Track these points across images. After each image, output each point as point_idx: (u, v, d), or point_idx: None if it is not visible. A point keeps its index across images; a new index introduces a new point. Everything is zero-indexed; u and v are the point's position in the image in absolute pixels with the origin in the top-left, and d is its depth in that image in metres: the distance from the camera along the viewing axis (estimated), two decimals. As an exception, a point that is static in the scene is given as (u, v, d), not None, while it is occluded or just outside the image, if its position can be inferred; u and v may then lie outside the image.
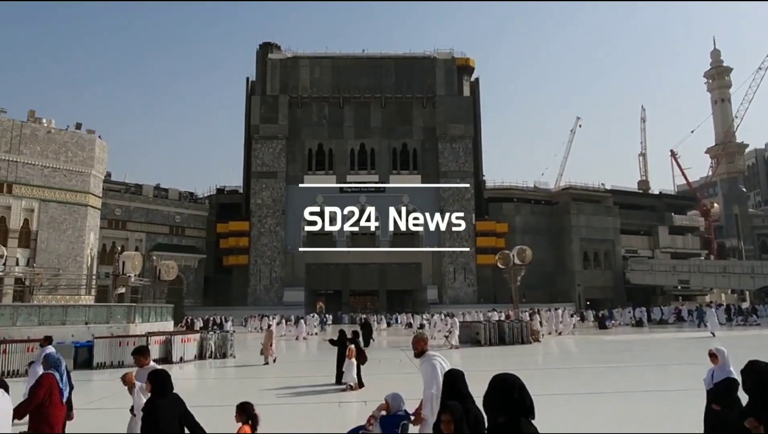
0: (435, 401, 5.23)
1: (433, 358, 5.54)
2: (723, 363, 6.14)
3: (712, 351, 6.34)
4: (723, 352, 6.23)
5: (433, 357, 5.57)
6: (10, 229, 44.21)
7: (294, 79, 70.67)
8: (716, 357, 6.23)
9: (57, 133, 47.46)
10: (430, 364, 5.51)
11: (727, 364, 6.14)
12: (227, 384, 16.48)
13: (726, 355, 6.24)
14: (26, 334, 18.32)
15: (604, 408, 10.92)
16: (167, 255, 54.71)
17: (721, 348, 6.35)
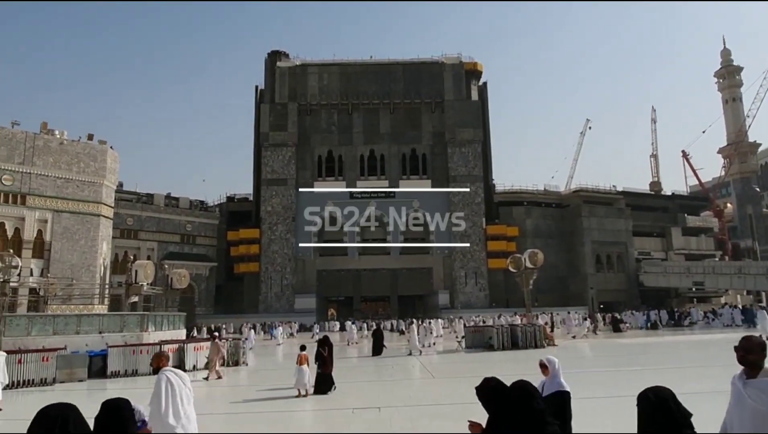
0: (158, 415, 5.52)
1: (165, 372, 5.81)
2: (553, 374, 5.53)
3: (542, 361, 5.68)
4: (554, 363, 5.58)
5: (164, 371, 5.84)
6: (24, 240, 44.65)
7: (303, 86, 71.00)
8: (546, 368, 5.58)
9: (69, 144, 47.95)
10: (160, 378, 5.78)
11: (558, 375, 5.53)
12: (230, 391, 16.45)
13: (557, 366, 5.59)
14: (41, 344, 18.42)
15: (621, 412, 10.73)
16: (179, 263, 55.03)
17: (553, 358, 5.69)
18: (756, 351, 3.78)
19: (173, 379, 5.83)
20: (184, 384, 5.86)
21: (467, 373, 17.25)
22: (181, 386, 5.83)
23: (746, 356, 3.81)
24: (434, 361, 22.74)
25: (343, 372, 17.34)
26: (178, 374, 5.95)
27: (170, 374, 5.87)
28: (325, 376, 13.96)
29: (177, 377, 5.88)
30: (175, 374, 5.91)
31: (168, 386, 5.73)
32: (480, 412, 3.61)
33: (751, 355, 3.79)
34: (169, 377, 5.83)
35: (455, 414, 10.78)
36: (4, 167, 44.04)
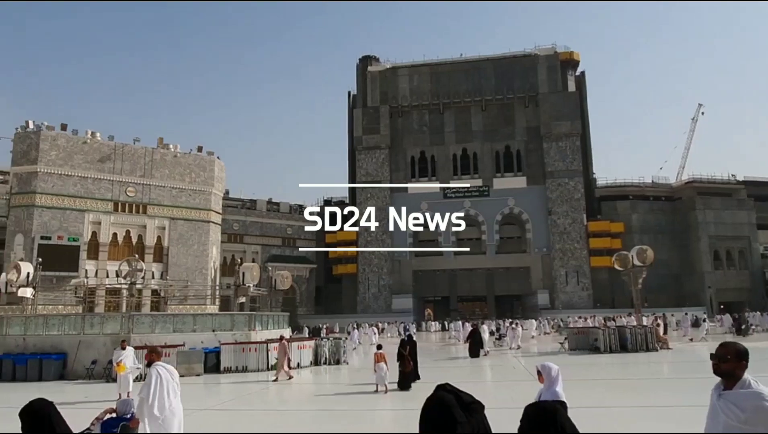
0: (145, 404, 6.09)
1: (156, 366, 6.36)
2: (549, 382, 5.13)
3: (538, 367, 5.33)
4: (550, 370, 5.17)
5: (156, 365, 6.38)
6: (146, 246, 48.86)
7: (394, 89, 71.79)
8: (541, 375, 5.20)
9: (182, 156, 51.87)
10: (152, 372, 6.33)
11: (555, 384, 5.13)
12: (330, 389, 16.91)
13: (554, 373, 5.17)
14: (163, 341, 20.02)
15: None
16: (281, 265, 57.58)
17: (549, 364, 5.29)
18: (730, 360, 3.48)
19: (163, 373, 6.31)
20: (172, 379, 6.37)
21: (571, 376, 16.55)
22: (170, 380, 6.33)
23: (719, 365, 3.52)
24: (537, 363, 22.08)
25: (434, 372, 17.31)
26: (168, 369, 6.45)
27: (161, 368, 6.34)
28: (405, 374, 14.65)
29: (167, 371, 6.38)
30: (165, 369, 6.39)
31: (158, 379, 6.24)
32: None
33: (724, 364, 3.50)
34: (159, 371, 6.30)
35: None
36: (128, 180, 48.49)
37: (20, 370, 19.08)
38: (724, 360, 3.49)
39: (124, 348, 14.61)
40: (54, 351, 19.66)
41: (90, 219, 46.57)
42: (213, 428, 11.08)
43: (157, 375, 6.29)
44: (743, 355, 3.47)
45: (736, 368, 3.45)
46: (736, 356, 3.47)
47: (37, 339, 20.64)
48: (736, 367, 3.45)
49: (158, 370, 6.34)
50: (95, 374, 18.96)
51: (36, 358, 19.20)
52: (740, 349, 3.51)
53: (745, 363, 3.47)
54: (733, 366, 3.46)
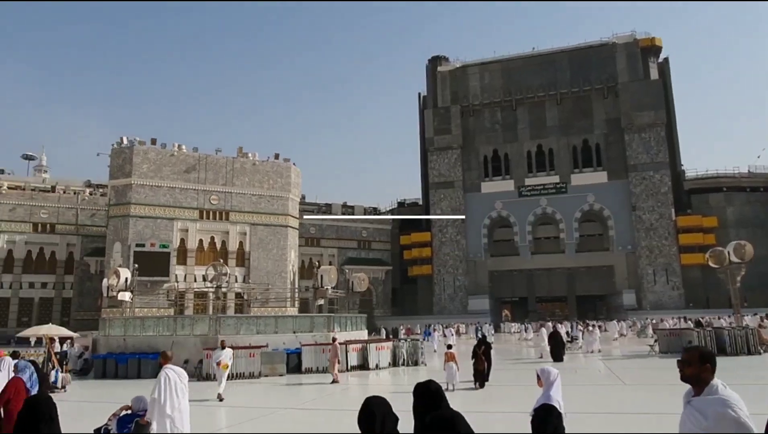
0: (156, 404, 6.64)
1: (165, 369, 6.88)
2: (546, 387, 5.15)
3: (537, 371, 5.41)
4: (548, 374, 5.19)
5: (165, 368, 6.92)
6: (229, 251, 51.22)
7: (464, 88, 71.06)
8: (540, 380, 5.25)
9: (260, 164, 53.98)
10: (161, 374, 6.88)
11: (550, 388, 5.11)
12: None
13: (552, 378, 5.18)
14: (248, 342, 20.89)
15: None
16: (357, 268, 58.48)
17: (548, 369, 5.34)
18: (694, 364, 3.38)
19: (171, 375, 6.84)
20: (180, 380, 6.89)
21: (660, 381, 15.64)
22: (177, 381, 6.84)
23: (684, 370, 3.43)
24: (624, 366, 21.06)
25: (513, 374, 16.89)
26: (177, 371, 6.97)
27: (170, 371, 6.86)
28: (479, 371, 15.34)
29: (175, 374, 6.90)
30: (174, 371, 6.92)
31: (166, 380, 6.77)
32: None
33: (688, 369, 3.40)
34: (168, 373, 6.83)
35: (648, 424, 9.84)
36: (212, 189, 51.05)
37: (122, 368, 20.53)
38: (687, 365, 3.41)
39: (223, 348, 15.30)
40: (150, 350, 20.98)
41: (178, 227, 49.43)
42: (295, 427, 11.42)
43: (166, 376, 6.78)
44: (706, 358, 3.38)
45: (700, 372, 3.36)
46: (699, 359, 3.38)
47: (135, 340, 22.14)
48: (700, 371, 3.36)
49: (167, 373, 6.84)
50: (187, 373, 20.05)
51: (135, 358, 20.59)
52: (703, 352, 3.44)
53: (709, 366, 3.35)
54: (696, 370, 3.37)
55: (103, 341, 23.04)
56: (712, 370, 3.37)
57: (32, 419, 3.50)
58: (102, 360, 21.15)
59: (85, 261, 55.66)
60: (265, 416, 12.50)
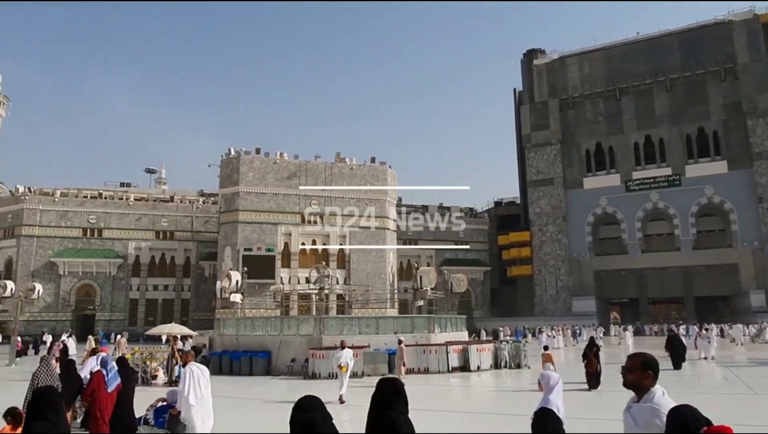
0: (182, 395, 7.44)
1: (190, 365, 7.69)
2: (547, 391, 5.20)
3: (538, 377, 5.54)
4: (548, 378, 5.25)
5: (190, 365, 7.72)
6: (330, 253, 52.85)
7: (562, 80, 68.27)
8: (541, 385, 5.32)
9: (357, 168, 55.25)
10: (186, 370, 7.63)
11: (549, 392, 5.14)
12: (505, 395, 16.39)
13: (552, 382, 5.22)
14: (351, 342, 21.33)
15: None
16: (455, 269, 57.99)
17: (547, 373, 5.38)
18: (635, 371, 3.39)
19: (195, 371, 7.60)
20: (203, 375, 7.65)
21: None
22: (200, 376, 7.60)
23: (625, 377, 3.45)
24: (754, 374, 19.15)
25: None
26: (200, 367, 7.74)
27: (194, 367, 7.66)
28: (590, 374, 15.40)
29: (199, 370, 7.66)
30: (197, 367, 7.70)
31: (191, 375, 7.53)
32: None
33: (629, 375, 3.42)
34: (192, 369, 7.61)
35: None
36: (312, 194, 53.01)
37: (235, 365, 21.82)
38: (629, 371, 3.42)
39: (343, 348, 15.13)
40: (260, 349, 22.12)
41: (282, 231, 51.79)
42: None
43: (190, 372, 7.63)
44: (648, 365, 3.37)
45: (641, 379, 3.37)
46: (641, 366, 3.39)
47: (246, 339, 23.46)
48: (641, 378, 3.37)
49: (192, 368, 7.67)
50: (294, 371, 20.89)
51: (247, 356, 21.79)
52: (645, 360, 3.42)
53: (650, 373, 3.36)
54: (637, 377, 3.38)
55: (218, 339, 24.66)
56: (654, 377, 3.37)
57: (40, 407, 3.77)
58: (218, 357, 22.60)
59: (200, 265, 59.95)
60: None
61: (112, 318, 56.68)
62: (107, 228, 58.32)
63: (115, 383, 8.51)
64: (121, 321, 56.45)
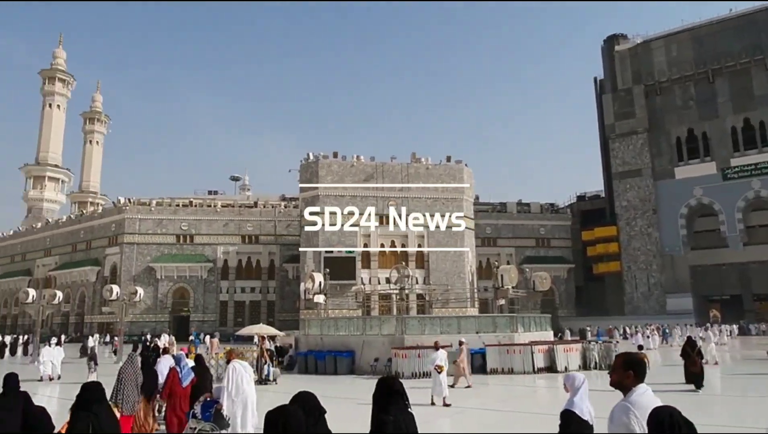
0: (225, 391, 8.18)
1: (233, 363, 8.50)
2: (572, 393, 4.95)
3: (563, 378, 5.34)
4: (573, 380, 5.04)
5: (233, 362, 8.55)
6: (409, 254, 52.97)
7: (648, 65, 64.53)
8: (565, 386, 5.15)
9: (433, 168, 55.04)
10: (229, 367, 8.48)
11: (574, 394, 4.87)
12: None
13: (577, 384, 4.97)
14: (432, 342, 21.29)
15: None
16: (536, 267, 56.41)
17: (574, 375, 5.18)
18: (617, 371, 3.53)
19: (237, 367, 8.36)
20: (245, 372, 8.45)
21: None
22: (243, 373, 8.37)
23: (610, 376, 3.58)
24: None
25: (745, 381, 14.75)
26: (243, 364, 8.58)
27: (237, 364, 8.43)
28: (691, 373, 15.01)
29: (241, 366, 8.46)
30: (240, 364, 8.50)
31: (233, 371, 8.29)
32: None
33: (613, 375, 3.56)
34: (235, 366, 8.37)
35: None
36: (389, 195, 53.40)
37: (320, 365, 22.38)
38: (613, 371, 3.54)
39: (437, 349, 14.67)
40: (344, 349, 22.55)
41: (361, 233, 52.54)
42: (484, 427, 11.31)
43: (233, 368, 8.37)
44: (629, 365, 3.48)
45: (623, 378, 3.47)
46: (622, 366, 3.50)
47: (330, 339, 24.00)
48: (622, 378, 3.47)
49: (234, 365, 8.45)
50: (377, 370, 21.10)
51: (331, 355, 22.29)
52: (626, 360, 3.53)
53: (632, 373, 3.45)
54: (619, 376, 3.49)
55: (303, 339, 25.39)
56: (635, 376, 3.46)
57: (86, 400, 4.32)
58: (304, 357, 23.29)
59: (284, 268, 62.08)
60: (459, 414, 12.61)
61: (205, 319, 59.96)
62: (198, 234, 61.81)
63: (189, 378, 9.28)
64: (213, 322, 59.57)
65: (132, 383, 8.69)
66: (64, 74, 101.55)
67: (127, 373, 8.77)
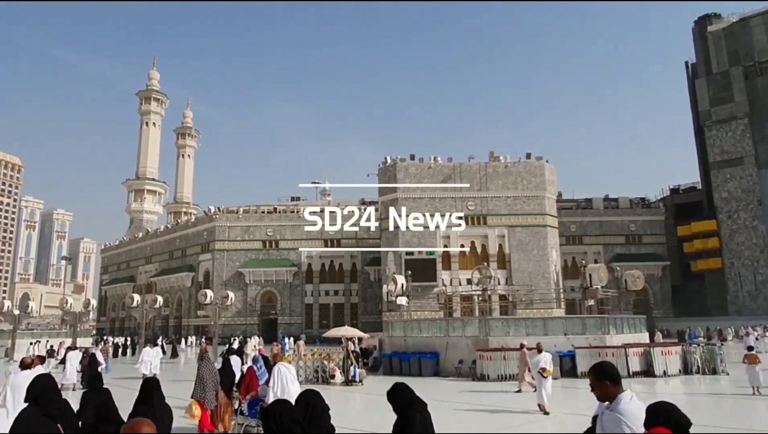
0: (271, 391, 8.68)
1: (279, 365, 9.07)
2: None
3: None
4: None
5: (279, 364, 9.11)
6: (490, 254, 52.08)
7: (746, 44, 59.69)
8: None
9: (512, 165, 53.82)
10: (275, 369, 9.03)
11: None
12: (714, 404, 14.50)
13: None
14: (518, 344, 20.78)
15: None
16: (627, 265, 53.54)
17: None
18: (594, 385, 3.58)
19: (282, 369, 8.99)
20: (289, 373, 9.06)
21: None
22: (287, 374, 8.98)
23: (593, 391, 3.62)
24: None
25: None
26: (287, 366, 9.24)
27: (282, 366, 9.06)
28: None
29: (286, 368, 9.10)
30: (285, 366, 9.14)
31: (279, 372, 8.92)
32: None
33: (594, 391, 3.60)
34: (280, 368, 9.01)
35: None
36: (468, 195, 52.79)
37: (405, 366, 22.45)
38: (592, 388, 3.57)
39: (540, 351, 14.14)
40: (428, 350, 22.49)
41: (440, 234, 52.29)
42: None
43: (278, 370, 8.98)
44: (602, 376, 3.51)
45: (603, 390, 3.51)
46: (597, 378, 3.54)
47: (414, 340, 24.03)
48: (602, 389, 3.51)
49: (280, 368, 9.03)
50: (462, 372, 20.88)
51: (416, 356, 22.31)
52: (598, 372, 3.55)
53: (608, 383, 3.47)
54: (599, 390, 3.53)
55: (387, 341, 25.59)
56: (613, 385, 3.49)
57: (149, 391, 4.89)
58: (388, 359, 23.47)
59: (366, 271, 63.02)
60: (548, 420, 12.24)
61: (291, 321, 62.05)
62: (282, 239, 64.15)
63: (265, 377, 10.00)
64: (299, 325, 61.50)
65: (210, 381, 9.91)
66: (159, 94, 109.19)
67: (205, 372, 10.03)
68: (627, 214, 64.79)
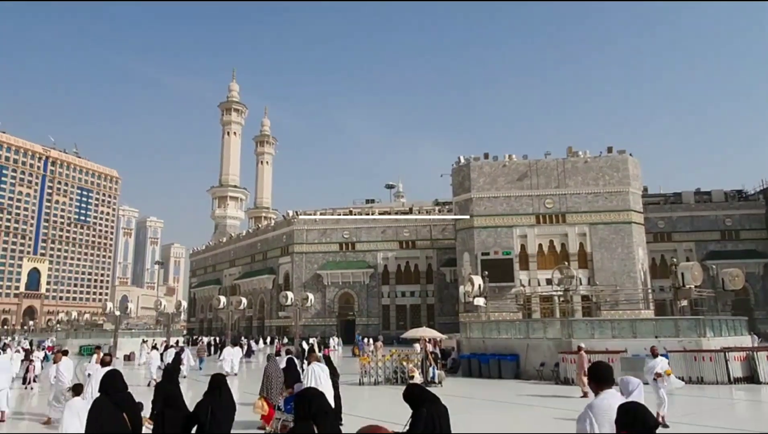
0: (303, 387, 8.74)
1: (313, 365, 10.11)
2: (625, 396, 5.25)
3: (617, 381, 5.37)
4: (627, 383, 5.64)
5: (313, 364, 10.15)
6: (570, 253, 50.17)
7: None
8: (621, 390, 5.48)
9: (593, 160, 51.57)
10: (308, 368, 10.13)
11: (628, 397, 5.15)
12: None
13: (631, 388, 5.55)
14: (604, 346, 19.86)
15: None
16: (723, 262, 49.86)
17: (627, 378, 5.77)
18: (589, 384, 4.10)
19: (316, 369, 9.80)
20: (322, 372, 9.82)
21: None
22: (320, 373, 9.74)
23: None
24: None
25: None
26: (321, 366, 10.01)
27: (315, 367, 9.86)
28: None
29: (319, 367, 9.90)
30: (318, 366, 9.95)
31: (312, 371, 9.69)
32: None
33: None
34: (314, 368, 9.80)
35: None
36: (545, 193, 51.17)
37: (484, 368, 22.09)
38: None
39: (655, 356, 13.10)
40: (507, 352, 22.03)
41: (517, 234, 51.05)
42: None
43: (312, 369, 9.78)
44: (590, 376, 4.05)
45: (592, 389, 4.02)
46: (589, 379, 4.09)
47: (493, 342, 23.60)
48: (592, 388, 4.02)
49: (313, 367, 9.85)
50: (544, 375, 20.27)
51: (495, 358, 21.91)
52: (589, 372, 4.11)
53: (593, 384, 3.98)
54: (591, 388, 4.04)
55: (465, 342, 25.29)
56: (596, 383, 3.94)
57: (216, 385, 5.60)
58: (467, 360, 23.19)
59: (441, 271, 62.67)
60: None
61: (369, 322, 62.78)
62: (358, 241, 65.12)
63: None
64: (376, 326, 62.11)
65: (276, 379, 10.82)
66: (239, 104, 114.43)
67: (271, 371, 10.93)
68: (722, 208, 60.31)
